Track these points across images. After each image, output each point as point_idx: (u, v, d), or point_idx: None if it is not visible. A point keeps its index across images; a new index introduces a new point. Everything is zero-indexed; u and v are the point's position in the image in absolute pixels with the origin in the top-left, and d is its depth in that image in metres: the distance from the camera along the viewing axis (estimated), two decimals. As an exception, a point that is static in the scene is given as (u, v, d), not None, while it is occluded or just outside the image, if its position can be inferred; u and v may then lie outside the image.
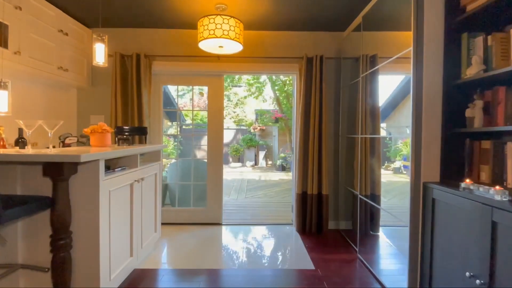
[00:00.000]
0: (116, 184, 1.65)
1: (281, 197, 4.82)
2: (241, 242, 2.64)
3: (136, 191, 1.92)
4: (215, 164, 3.12)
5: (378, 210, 2.83)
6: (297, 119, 3.05)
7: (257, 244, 2.61)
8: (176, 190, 3.40)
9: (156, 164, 2.35)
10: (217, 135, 3.11)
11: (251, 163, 10.41)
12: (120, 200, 1.73)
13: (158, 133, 3.10)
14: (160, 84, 3.09)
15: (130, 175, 1.83)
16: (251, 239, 2.75)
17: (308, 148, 2.87)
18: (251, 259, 2.27)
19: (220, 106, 3.10)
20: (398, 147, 3.46)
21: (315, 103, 2.84)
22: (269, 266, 2.14)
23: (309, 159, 2.86)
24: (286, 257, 2.34)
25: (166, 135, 8.94)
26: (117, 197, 1.68)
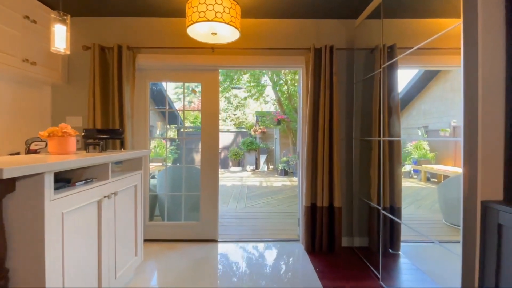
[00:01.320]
0: (75, 203, 1.29)
1: (285, 206, 4.44)
2: (239, 265, 2.26)
3: (107, 209, 1.56)
4: (209, 171, 2.75)
5: (398, 224, 2.46)
6: (303, 120, 2.69)
7: (258, 267, 2.23)
8: (166, 202, 3.03)
9: (137, 173, 1.99)
10: (212, 138, 2.75)
11: (252, 167, 10.04)
12: (81, 223, 1.36)
13: (143, 136, 2.74)
14: (146, 80, 2.74)
15: (97, 190, 1.47)
16: (251, 260, 2.37)
17: (317, 154, 2.50)
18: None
19: (215, 105, 2.75)
20: (407, 150, 3.14)
21: (325, 101, 2.48)
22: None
23: (318, 166, 2.49)
24: (293, 286, 1.96)
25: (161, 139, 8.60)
26: (76, 219, 1.31)
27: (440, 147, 5.13)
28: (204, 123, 2.74)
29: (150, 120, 2.79)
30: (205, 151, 2.75)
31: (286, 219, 3.65)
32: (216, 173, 2.75)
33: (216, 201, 2.76)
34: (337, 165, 2.46)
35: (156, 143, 8.70)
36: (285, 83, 8.29)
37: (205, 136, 2.75)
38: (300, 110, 2.76)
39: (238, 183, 7.19)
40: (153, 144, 8.67)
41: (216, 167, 2.75)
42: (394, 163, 2.43)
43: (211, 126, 2.74)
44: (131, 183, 1.88)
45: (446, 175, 4.53)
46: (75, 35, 2.62)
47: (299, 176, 2.76)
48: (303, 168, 2.63)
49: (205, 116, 2.74)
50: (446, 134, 5.13)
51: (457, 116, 5.13)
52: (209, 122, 2.74)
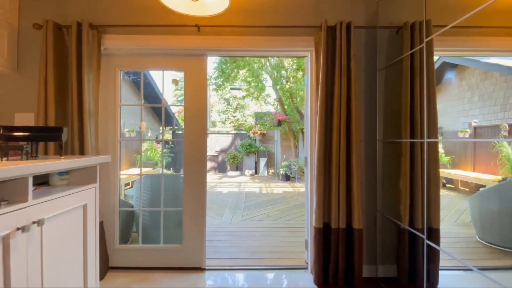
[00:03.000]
0: None
1: (288, 219, 3.92)
2: (230, 308, 1.74)
3: (23, 246, 1.04)
4: (194, 182, 2.23)
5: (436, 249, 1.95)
6: (312, 118, 2.18)
7: (255, 311, 1.71)
8: (145, 219, 2.52)
9: (89, 188, 1.47)
10: (197, 141, 2.24)
11: (251, 172, 9.52)
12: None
13: (113, 139, 2.23)
14: (115, 68, 2.23)
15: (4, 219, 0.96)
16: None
17: (331, 160, 1.99)
18: None
19: (202, 99, 2.24)
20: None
21: (341, 92, 1.97)
22: None
23: (332, 176, 1.98)
24: None
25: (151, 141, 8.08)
26: None
27: (456, 150, 4.60)
28: (188, 121, 2.23)
29: (121, 119, 2.28)
30: (189, 157, 2.24)
31: (290, 236, 3.13)
32: (202, 184, 2.24)
33: (203, 219, 2.24)
34: (357, 174, 1.95)
35: (148, 146, 8.19)
36: (287, 80, 7.80)
37: (189, 138, 2.24)
38: (307, 105, 2.25)
39: (235, 189, 6.67)
40: (144, 147, 8.17)
41: (203, 177, 2.24)
42: (430, 172, 1.93)
43: (197, 126, 2.23)
44: (76, 203, 1.36)
45: (466, 182, 3.95)
46: (26, 10, 2.13)
47: (307, 189, 2.25)
48: (313, 179, 2.12)
49: (189, 113, 2.23)
50: (466, 135, 4.56)
51: (479, 116, 4.50)
52: (194, 120, 2.23)
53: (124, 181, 5.51)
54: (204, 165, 2.24)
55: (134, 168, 7.28)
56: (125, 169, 6.95)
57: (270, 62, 7.67)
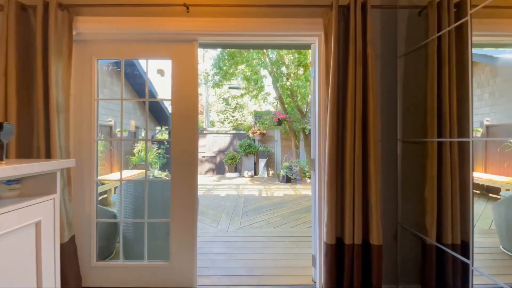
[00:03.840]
0: None
1: (290, 226, 3.63)
2: None
3: None
4: (184, 189, 1.94)
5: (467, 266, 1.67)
6: (320, 114, 1.90)
7: None
8: (129, 232, 2.23)
9: (45, 200, 1.18)
10: (188, 141, 1.95)
11: (250, 173, 9.23)
12: None
13: (88, 138, 1.94)
14: (91, 56, 1.94)
15: None
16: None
17: (345, 163, 1.70)
18: None
19: (192, 92, 1.95)
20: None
21: (355, 83, 1.69)
22: None
23: (346, 182, 1.69)
24: None
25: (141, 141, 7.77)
26: None
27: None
28: (176, 118, 1.94)
29: (97, 115, 1.99)
30: (177, 160, 1.94)
31: (293, 247, 2.83)
32: (193, 191, 1.95)
33: (193, 231, 1.95)
34: (375, 180, 1.66)
35: (142, 146, 7.88)
36: (288, 77, 7.51)
37: (177, 137, 1.94)
38: (315, 100, 1.96)
39: (233, 192, 6.37)
40: (138, 148, 7.86)
41: (193, 182, 1.95)
42: (463, 177, 1.64)
43: (187, 123, 1.94)
44: (25, 220, 1.07)
45: (476, 183, 3.64)
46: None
47: (314, 196, 1.96)
48: (322, 185, 1.84)
49: (177, 108, 1.94)
50: (478, 134, 4.28)
51: (490, 114, 4.19)
52: (183, 117, 1.94)
53: (114, 185, 5.21)
54: (194, 168, 1.94)
55: (127, 170, 6.98)
56: (117, 171, 6.65)
57: (270, 58, 7.38)
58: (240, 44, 2.19)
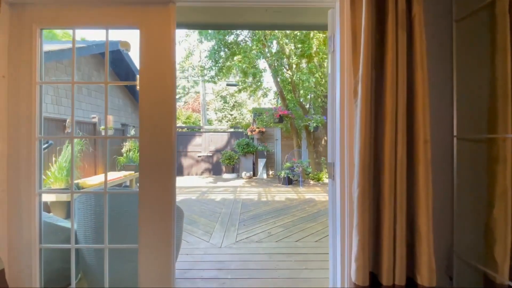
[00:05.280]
0: None
1: (296, 238, 3.17)
2: None
3: None
4: (156, 203, 1.46)
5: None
6: (342, 103, 1.42)
7: None
8: (89, 254, 1.75)
9: None
10: (161, 140, 1.46)
11: (248, 174, 8.75)
12: None
13: (26, 136, 1.45)
14: (31, 25, 1.45)
15: None
16: None
17: (381, 171, 1.22)
18: None
19: (168, 75, 1.46)
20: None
21: (397, 59, 1.21)
22: None
23: (383, 197, 1.21)
24: None
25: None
26: None
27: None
28: (145, 108, 1.45)
29: (40, 104, 1.49)
30: (147, 165, 1.46)
31: (301, 268, 2.36)
32: (169, 208, 1.46)
33: (169, 260, 1.47)
34: (426, 194, 1.18)
35: (131, 145, 7.38)
36: (289, 68, 7.00)
37: (147, 135, 1.46)
38: (334, 83, 1.48)
39: (230, 196, 5.90)
40: (127, 147, 7.35)
41: (170, 197, 1.46)
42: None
43: (161, 116, 1.45)
44: None
45: None
46: None
47: (334, 213, 1.48)
48: (348, 201, 1.36)
49: (146, 95, 1.45)
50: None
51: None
52: (155, 107, 1.45)
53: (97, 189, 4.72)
54: (171, 175, 1.46)
55: (114, 172, 6.48)
56: (102, 173, 6.15)
57: (270, 48, 6.88)
58: (233, 9, 1.70)
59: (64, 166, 4.13)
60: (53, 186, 4.10)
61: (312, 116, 7.49)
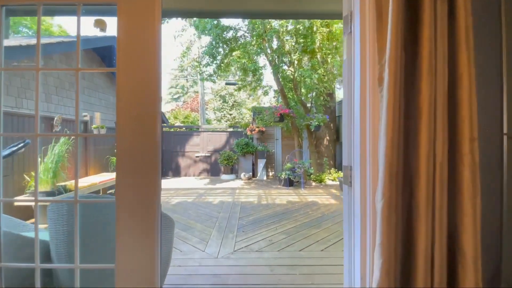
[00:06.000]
0: None
1: (300, 247, 2.93)
2: None
3: None
4: (136, 215, 1.22)
5: None
6: (362, 93, 1.18)
7: None
8: (59, 276, 1.51)
9: None
10: (143, 138, 1.22)
11: (247, 175, 8.52)
12: None
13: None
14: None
15: None
16: None
17: (415, 178, 0.99)
18: None
19: (151, 57, 1.22)
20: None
21: (436, 38, 0.97)
22: None
23: (418, 211, 0.97)
24: None
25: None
26: None
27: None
28: (122, 98, 1.21)
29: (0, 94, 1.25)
30: (125, 168, 1.22)
31: (307, 285, 2.13)
32: (153, 217, 1.22)
33: (153, 282, 1.23)
34: (473, 207, 0.95)
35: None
36: (291, 64, 6.76)
37: (125, 131, 1.22)
38: (352, 69, 1.25)
39: (228, 198, 5.66)
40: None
41: (154, 203, 1.22)
42: None
43: (144, 107, 1.21)
44: None
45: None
46: None
47: (350, 227, 1.25)
48: (370, 212, 1.12)
49: (124, 84, 1.21)
50: None
51: None
52: (135, 96, 1.21)
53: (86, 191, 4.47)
54: (155, 182, 1.22)
55: (107, 172, 6.24)
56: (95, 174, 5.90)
57: (270, 44, 6.65)
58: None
59: (50, 168, 3.89)
60: (38, 189, 3.86)
61: (314, 115, 7.26)
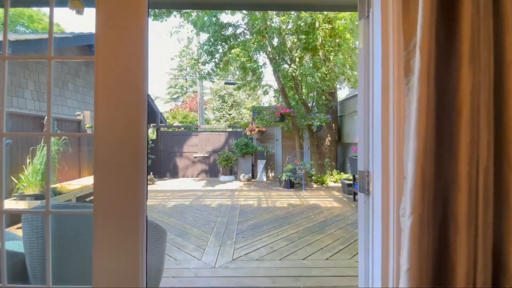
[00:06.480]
0: None
1: (303, 255, 2.76)
2: None
3: None
4: (118, 228, 1.04)
5: None
6: (384, 85, 1.01)
7: None
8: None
9: None
10: (126, 137, 1.04)
11: (247, 176, 8.35)
12: None
13: None
14: None
15: None
16: None
17: (452, 188, 0.82)
18: None
19: (137, 45, 1.04)
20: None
21: (479, 21, 0.80)
22: None
23: (458, 226, 0.80)
24: None
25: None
26: None
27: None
28: (100, 91, 1.04)
29: None
30: (105, 172, 1.04)
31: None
32: (136, 232, 1.04)
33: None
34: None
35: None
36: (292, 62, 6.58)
37: (105, 135, 1.04)
38: (372, 57, 1.08)
39: (227, 201, 5.49)
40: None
41: (139, 215, 1.05)
42: None
43: (126, 100, 1.04)
44: None
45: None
46: None
47: (366, 243, 1.07)
48: (395, 228, 0.95)
49: (104, 74, 1.04)
50: None
51: None
52: (116, 87, 1.04)
53: (76, 194, 4.30)
54: (139, 189, 1.04)
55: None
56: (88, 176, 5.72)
57: (271, 42, 6.48)
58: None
59: (39, 169, 3.71)
60: (27, 191, 3.68)
61: (316, 115, 7.09)
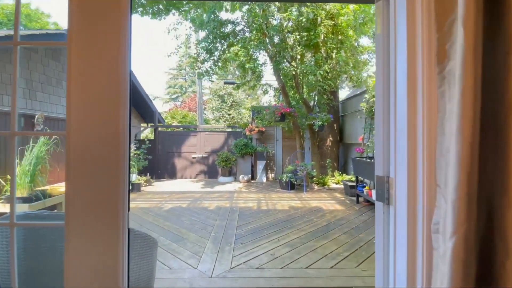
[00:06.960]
0: None
1: (307, 262, 2.61)
2: None
3: None
4: (93, 241, 0.89)
5: None
6: (410, 75, 0.86)
7: None
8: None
9: None
10: (103, 136, 0.89)
11: (246, 178, 8.19)
12: None
13: None
14: None
15: None
16: None
17: (502, 193, 0.67)
18: None
19: (116, 32, 0.89)
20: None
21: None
22: None
23: (507, 246, 0.65)
24: None
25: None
26: None
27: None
28: (77, 88, 0.89)
29: None
30: (77, 179, 0.89)
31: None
32: (115, 252, 0.89)
33: None
34: None
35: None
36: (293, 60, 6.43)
37: (79, 134, 0.89)
38: (394, 43, 0.93)
39: (225, 203, 5.33)
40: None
41: (119, 227, 0.90)
42: None
43: (102, 92, 0.89)
44: None
45: None
46: None
47: (386, 265, 0.93)
48: (425, 247, 0.80)
49: (78, 66, 0.89)
50: None
51: None
52: (92, 85, 0.89)
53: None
54: (118, 198, 0.89)
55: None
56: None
57: (272, 40, 6.33)
58: None
59: (28, 170, 3.56)
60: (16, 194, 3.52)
61: (317, 114, 6.94)
